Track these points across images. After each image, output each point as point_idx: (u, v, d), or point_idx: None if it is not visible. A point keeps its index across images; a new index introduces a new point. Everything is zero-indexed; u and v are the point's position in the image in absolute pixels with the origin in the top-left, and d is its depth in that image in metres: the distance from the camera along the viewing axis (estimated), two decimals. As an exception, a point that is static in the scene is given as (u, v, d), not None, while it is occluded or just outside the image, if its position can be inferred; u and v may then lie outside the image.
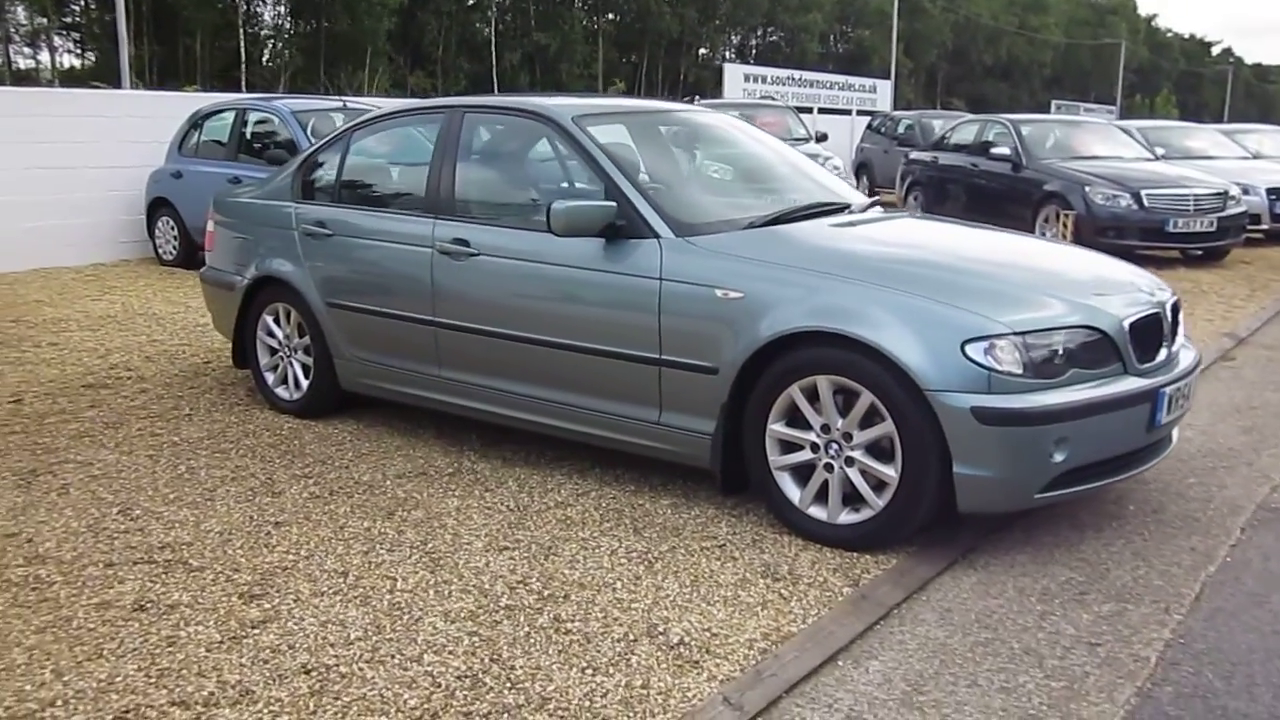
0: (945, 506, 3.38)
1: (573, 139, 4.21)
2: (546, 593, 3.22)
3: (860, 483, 3.44)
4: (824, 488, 3.54)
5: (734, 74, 20.36)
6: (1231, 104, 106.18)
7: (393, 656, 2.85)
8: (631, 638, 2.93)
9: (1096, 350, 3.38)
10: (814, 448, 3.53)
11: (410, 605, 3.16)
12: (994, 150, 11.99)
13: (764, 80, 20.61)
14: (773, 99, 17.83)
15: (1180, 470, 4.39)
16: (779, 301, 3.52)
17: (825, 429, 3.49)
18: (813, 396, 3.50)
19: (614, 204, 3.90)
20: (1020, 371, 3.22)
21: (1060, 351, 3.30)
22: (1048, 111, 39.50)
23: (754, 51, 70.94)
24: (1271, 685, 2.70)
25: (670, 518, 3.84)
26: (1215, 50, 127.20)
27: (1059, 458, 3.28)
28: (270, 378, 5.36)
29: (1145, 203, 10.38)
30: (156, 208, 10.15)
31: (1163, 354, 3.63)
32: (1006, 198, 11.70)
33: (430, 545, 3.62)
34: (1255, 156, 14.57)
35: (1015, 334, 3.24)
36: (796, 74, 21.92)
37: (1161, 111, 68.24)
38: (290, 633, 3.00)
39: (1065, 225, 10.63)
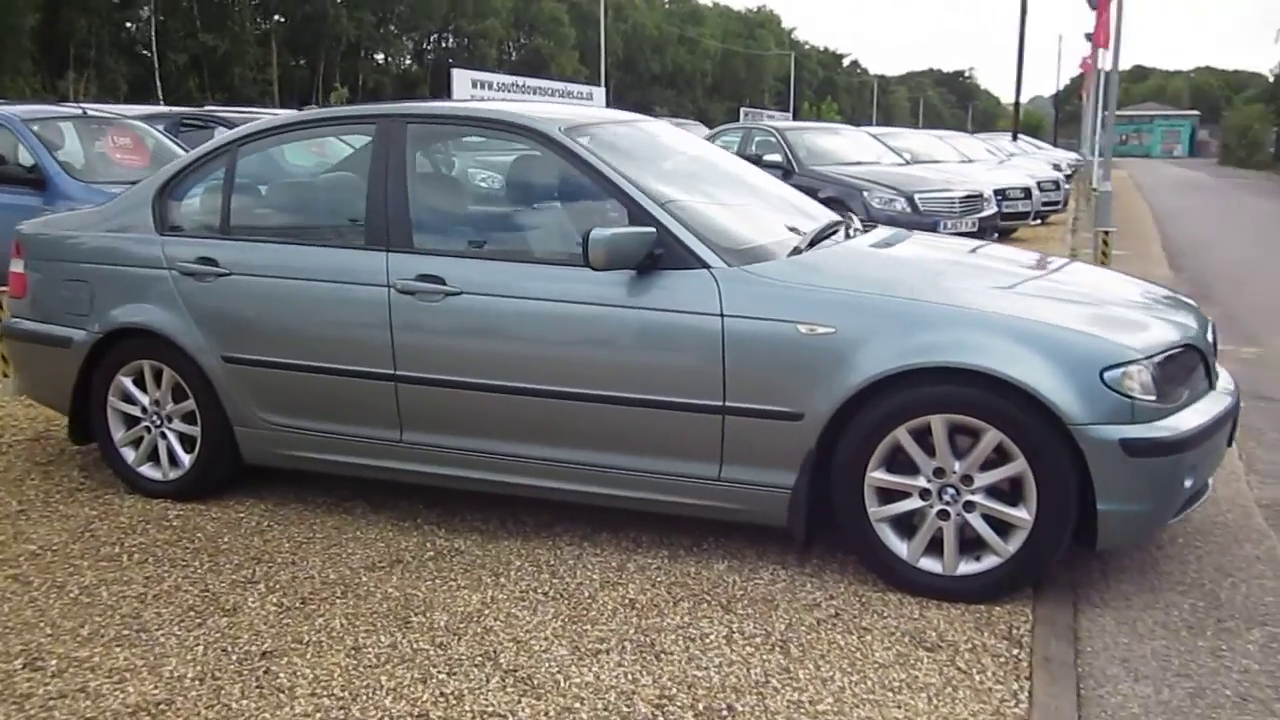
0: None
1: (573, 155, 3.60)
2: (702, 706, 2.66)
3: (984, 529, 3.15)
4: (933, 537, 3.22)
5: (462, 79, 19.66)
6: (860, 110, 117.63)
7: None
8: (860, 752, 2.46)
9: (1196, 369, 3.30)
10: (923, 494, 3.20)
11: (556, 750, 2.50)
12: (765, 158, 12.21)
13: (490, 86, 20.05)
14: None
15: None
16: (878, 335, 3.15)
17: (939, 473, 3.16)
18: (918, 438, 3.17)
19: (653, 230, 3.37)
20: (1154, 398, 3.06)
21: (1176, 373, 3.18)
22: (736, 119, 41.65)
23: (430, 56, 69.64)
24: None
25: (745, 586, 3.36)
26: (846, 62, 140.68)
27: (1189, 483, 3.16)
28: (130, 454, 4.28)
29: (919, 206, 10.96)
30: None
31: (1217, 368, 3.63)
32: (781, 203, 11.93)
33: (501, 659, 2.93)
34: (968, 160, 15.93)
35: (1146, 358, 3.07)
36: (520, 80, 21.57)
37: (827, 117, 74.15)
38: (430, 818, 2.26)
39: (848, 229, 11.02)
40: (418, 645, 3.03)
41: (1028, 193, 14.19)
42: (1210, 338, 3.44)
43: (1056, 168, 22.82)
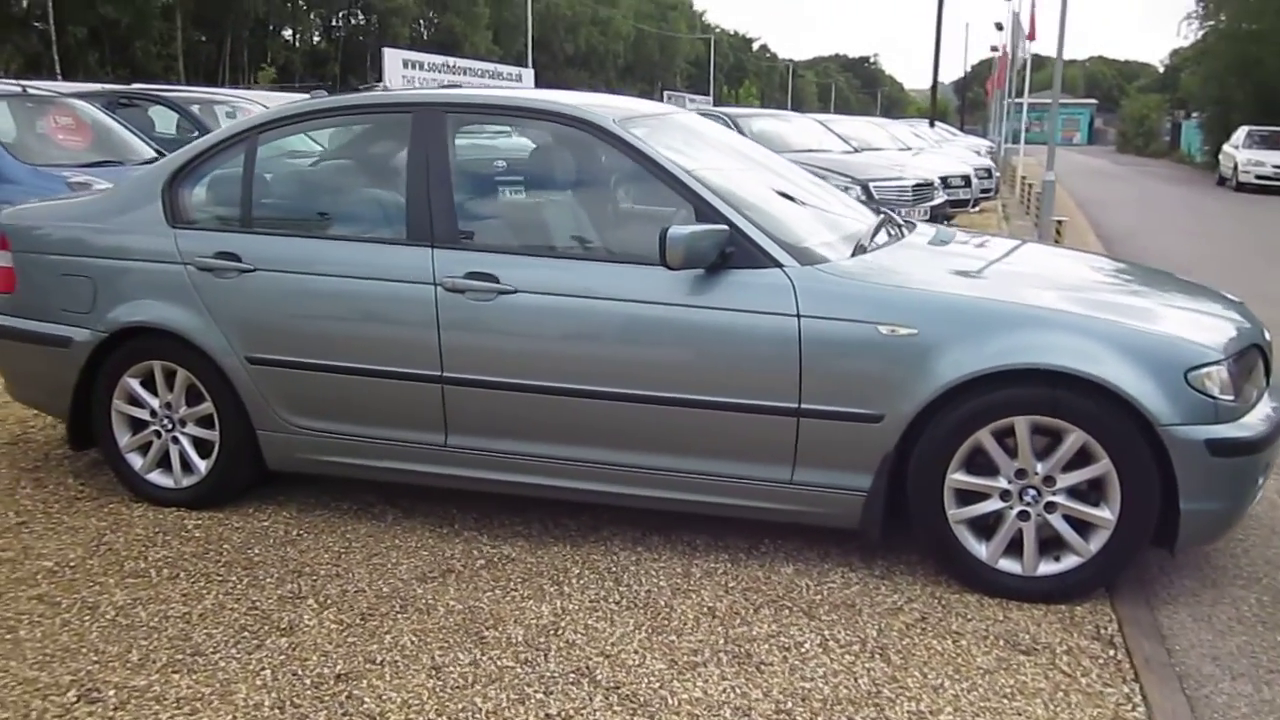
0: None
1: (632, 149, 3.48)
2: (821, 720, 2.61)
3: (1066, 530, 3.15)
4: (1011, 538, 3.21)
5: (393, 59, 19.16)
6: (769, 95, 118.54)
7: None
8: (1000, 765, 2.42)
9: (1260, 368, 3.35)
10: (1004, 495, 3.18)
11: (688, 773, 2.41)
12: (718, 143, 12.18)
13: (421, 67, 19.59)
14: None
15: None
16: (962, 336, 3.12)
17: (1020, 474, 3.15)
18: (998, 439, 3.15)
19: (726, 228, 3.28)
20: (1232, 399, 3.09)
21: (1249, 373, 3.22)
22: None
23: (340, 34, 67.91)
24: None
25: (821, 591, 3.31)
26: (756, 46, 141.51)
27: (1261, 480, 3.21)
28: (137, 460, 4.03)
29: (874, 194, 11.02)
30: None
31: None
32: (734, 190, 11.90)
33: (598, 675, 2.82)
34: (906, 147, 16.13)
35: (1226, 358, 3.10)
36: (451, 61, 21.12)
37: (746, 101, 74.38)
38: None
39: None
40: (502, 663, 2.90)
41: (967, 180, 14.44)
42: (1268, 336, 3.50)
43: (977, 154, 23.35)
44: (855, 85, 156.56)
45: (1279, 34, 26.67)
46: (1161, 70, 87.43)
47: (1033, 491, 3.15)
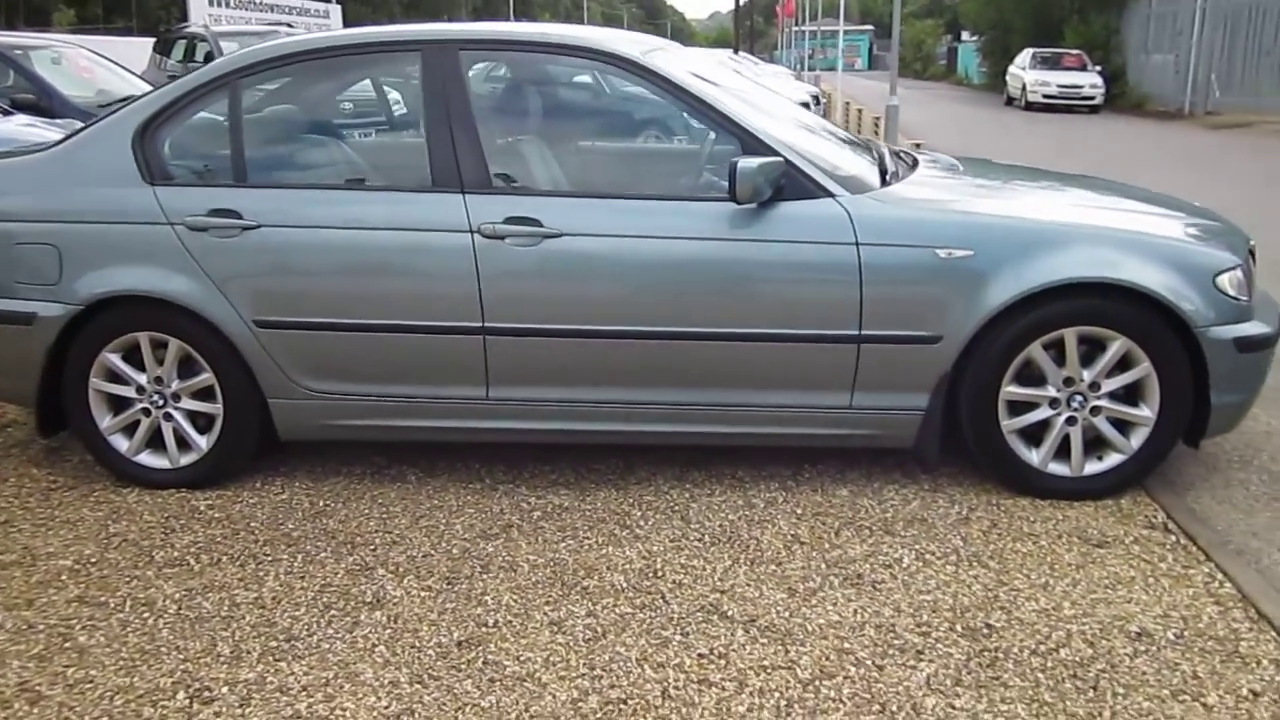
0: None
1: (668, 82, 3.42)
2: (961, 628, 2.73)
3: (1109, 430, 3.38)
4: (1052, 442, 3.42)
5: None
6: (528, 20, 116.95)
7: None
8: (1137, 643, 2.61)
9: (1252, 269, 3.66)
10: (1052, 403, 3.38)
11: (881, 691, 2.48)
12: (576, 80, 12.01)
13: (228, 4, 18.26)
14: (290, 26, 15.93)
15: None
16: (1015, 255, 3.26)
17: (1068, 382, 3.35)
18: (1046, 349, 3.34)
19: (782, 160, 3.28)
20: (1247, 299, 3.38)
21: (1250, 275, 3.52)
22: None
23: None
24: None
25: (887, 509, 3.42)
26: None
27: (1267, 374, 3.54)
28: (123, 443, 3.71)
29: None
30: None
31: None
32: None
33: (728, 611, 2.84)
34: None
35: (1241, 262, 3.38)
36: (256, -3, 19.79)
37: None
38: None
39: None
40: (620, 610, 2.88)
41: (807, 106, 14.85)
42: (1252, 241, 3.83)
43: (794, 80, 23.95)
44: (640, 16, 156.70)
45: (1054, -40, 28.47)
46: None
47: (1079, 397, 3.36)
